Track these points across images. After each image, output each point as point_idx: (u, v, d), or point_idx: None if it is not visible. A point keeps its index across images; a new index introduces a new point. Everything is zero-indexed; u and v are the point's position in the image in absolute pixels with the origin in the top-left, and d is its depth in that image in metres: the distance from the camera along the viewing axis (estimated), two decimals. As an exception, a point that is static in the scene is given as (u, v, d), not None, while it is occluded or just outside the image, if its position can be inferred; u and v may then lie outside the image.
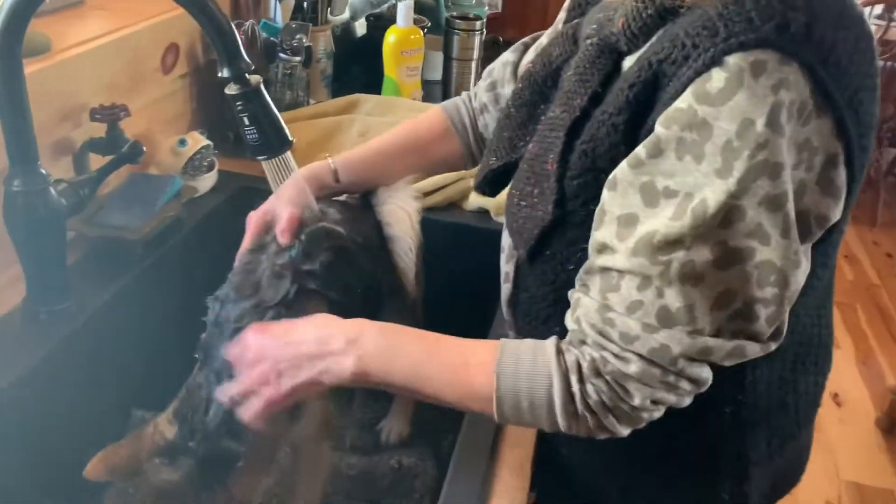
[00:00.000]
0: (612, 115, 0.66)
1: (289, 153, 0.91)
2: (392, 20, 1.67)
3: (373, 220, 1.01)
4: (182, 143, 1.21)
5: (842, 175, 0.61)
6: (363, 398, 1.16)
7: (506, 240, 0.87)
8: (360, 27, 1.82)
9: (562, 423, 0.68)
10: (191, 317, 0.98)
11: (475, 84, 1.78)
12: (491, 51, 1.88)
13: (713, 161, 0.58)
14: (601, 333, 0.66)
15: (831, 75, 0.57)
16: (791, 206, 0.59)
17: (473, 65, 1.73)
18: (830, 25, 0.58)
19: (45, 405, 0.90)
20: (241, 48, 0.83)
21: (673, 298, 0.62)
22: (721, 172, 0.58)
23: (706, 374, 0.66)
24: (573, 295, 0.70)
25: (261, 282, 0.88)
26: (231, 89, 0.85)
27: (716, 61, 0.57)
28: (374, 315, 0.98)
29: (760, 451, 0.81)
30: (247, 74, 0.84)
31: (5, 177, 0.87)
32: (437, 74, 1.75)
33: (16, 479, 0.87)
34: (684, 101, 0.59)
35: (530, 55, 0.92)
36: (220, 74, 0.84)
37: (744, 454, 0.80)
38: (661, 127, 0.61)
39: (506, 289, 0.88)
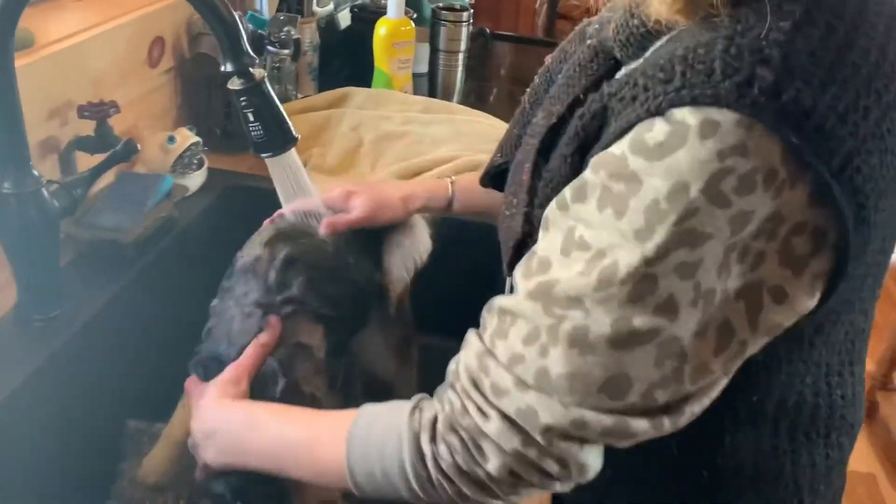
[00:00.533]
0: (565, 146, 0.60)
1: (293, 150, 0.88)
2: (376, 11, 1.64)
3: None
4: (171, 140, 1.17)
5: (807, 246, 0.52)
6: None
7: None
8: (344, 19, 1.78)
9: (418, 490, 0.61)
10: (187, 319, 0.94)
11: (462, 77, 1.76)
12: (477, 43, 1.86)
13: (635, 219, 0.51)
14: (473, 380, 0.59)
15: (809, 141, 0.49)
16: (704, 274, 0.51)
17: (460, 57, 1.70)
18: (815, 82, 0.49)
19: (41, 416, 0.86)
20: (245, 42, 0.79)
21: (556, 362, 0.54)
22: (640, 234, 0.51)
23: (584, 458, 0.57)
24: (469, 333, 0.62)
25: (232, 328, 0.82)
26: (234, 84, 0.82)
27: (660, 111, 0.51)
28: (361, 322, 0.92)
29: None
30: (250, 69, 0.81)
31: (-5, 178, 0.83)
32: (423, 67, 1.72)
33: (11, 495, 0.83)
34: (619, 147, 0.53)
35: None
36: (222, 69, 0.81)
37: None
38: (590, 171, 0.55)
39: None
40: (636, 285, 0.52)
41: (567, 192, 0.56)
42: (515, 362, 0.56)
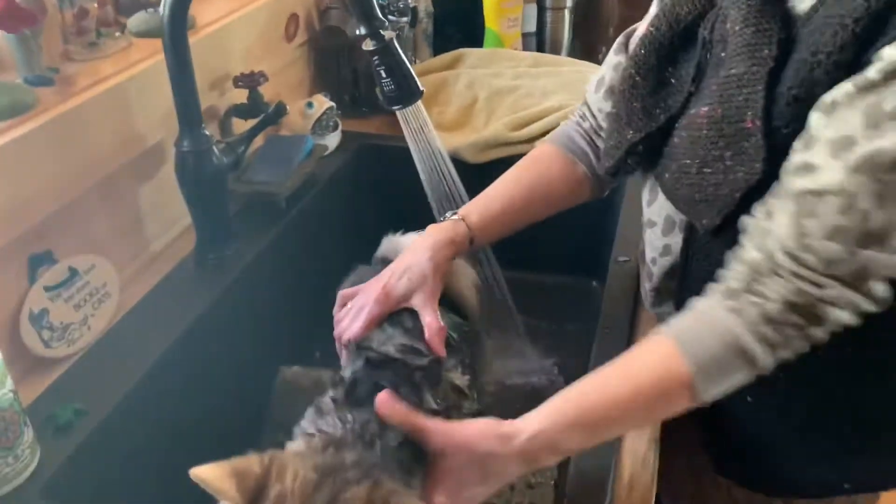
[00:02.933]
0: (831, 55, 0.63)
1: (420, 103, 1.00)
2: (487, -25, 1.73)
3: None
4: (310, 105, 1.31)
5: None
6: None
7: (660, 213, 0.85)
8: (456, -15, 1.88)
9: (763, 369, 0.67)
10: (332, 263, 1.07)
11: (569, 33, 1.83)
12: (583, -2, 1.92)
13: None
14: (798, 261, 0.63)
15: None
16: None
17: (567, 13, 1.77)
18: None
19: (218, 339, 1.02)
20: (376, 7, 0.91)
21: (879, 218, 0.60)
22: None
23: (888, 293, 0.64)
24: (752, 224, 0.67)
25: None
26: (368, 45, 0.94)
27: None
28: None
29: None
30: (381, 31, 0.93)
31: (175, 139, 0.99)
32: (531, 27, 1.80)
33: (197, 420, 0.98)
34: None
35: (633, 45, 0.86)
36: (357, 32, 0.93)
37: None
38: None
39: (666, 262, 0.85)
40: None
41: (874, 73, 0.60)
42: (838, 233, 0.62)
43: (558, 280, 1.39)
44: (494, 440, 0.66)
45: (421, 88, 0.98)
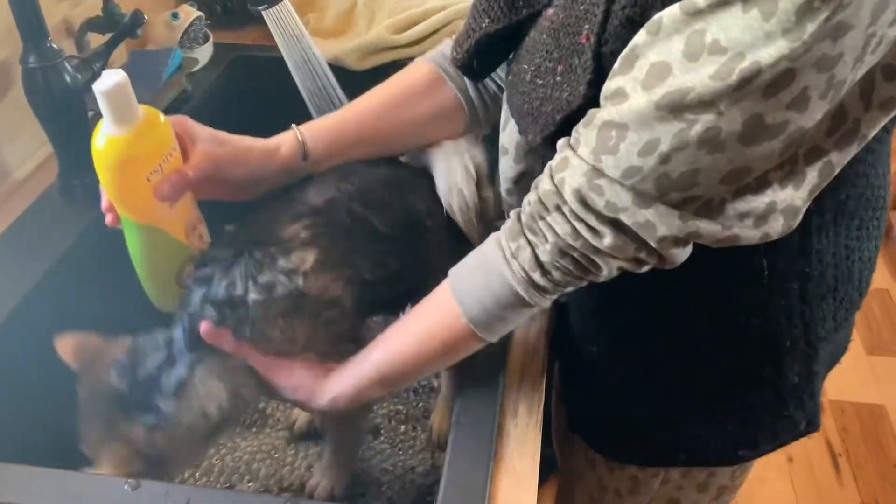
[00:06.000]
0: None
1: (291, 8, 0.94)
2: None
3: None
4: (175, 16, 1.22)
5: None
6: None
7: (511, 140, 0.77)
8: None
9: (543, 308, 0.68)
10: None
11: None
12: None
13: (784, 20, 0.49)
14: (583, 201, 0.59)
15: None
16: (841, 66, 0.52)
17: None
18: None
19: (92, 269, 0.96)
20: None
21: (679, 163, 0.55)
22: (789, 33, 0.49)
23: (682, 257, 0.61)
24: (561, 151, 0.61)
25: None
26: (224, -61, 0.87)
27: None
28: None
29: (828, 326, 0.75)
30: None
31: (20, 56, 0.90)
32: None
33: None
34: None
35: None
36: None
37: (813, 331, 0.74)
38: None
39: (505, 161, 0.79)
40: (774, 82, 0.51)
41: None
42: (631, 175, 0.56)
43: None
44: (306, 393, 0.74)
45: (288, -14, 0.92)
